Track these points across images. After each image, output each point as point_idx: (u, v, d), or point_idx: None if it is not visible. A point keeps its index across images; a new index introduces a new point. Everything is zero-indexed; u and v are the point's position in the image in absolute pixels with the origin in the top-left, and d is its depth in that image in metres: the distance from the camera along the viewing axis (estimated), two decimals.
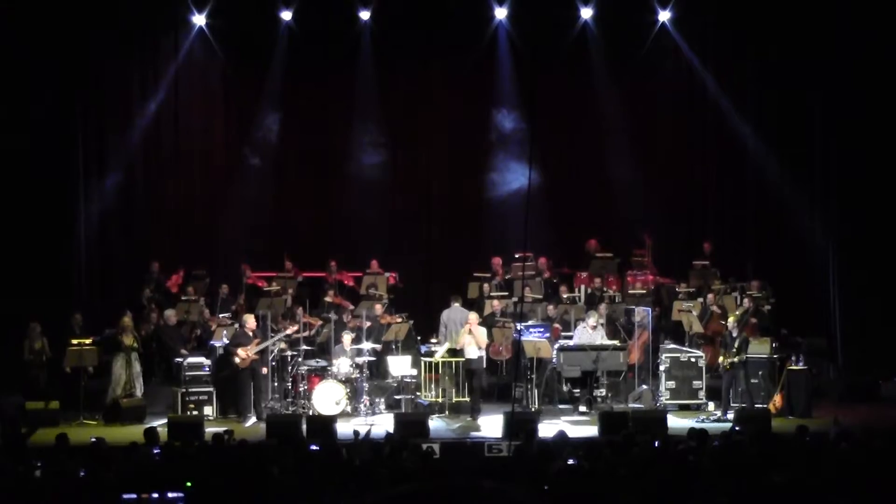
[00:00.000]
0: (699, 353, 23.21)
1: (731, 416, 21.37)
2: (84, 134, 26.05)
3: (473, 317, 22.57)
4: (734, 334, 22.42)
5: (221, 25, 26.62)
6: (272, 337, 22.73)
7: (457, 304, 23.63)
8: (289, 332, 22.83)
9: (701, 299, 24.50)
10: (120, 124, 26.47)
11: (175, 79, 26.87)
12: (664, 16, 26.69)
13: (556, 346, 22.95)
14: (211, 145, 27.46)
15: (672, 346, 23.54)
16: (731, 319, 22.74)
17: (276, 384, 22.93)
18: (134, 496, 12.62)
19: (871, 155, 25.52)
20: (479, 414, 22.22)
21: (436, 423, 21.29)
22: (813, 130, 26.21)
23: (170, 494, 12.53)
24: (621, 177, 26.99)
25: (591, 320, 23.05)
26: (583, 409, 22.48)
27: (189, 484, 12.71)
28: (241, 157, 27.18)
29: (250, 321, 22.53)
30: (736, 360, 22.09)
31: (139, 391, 22.72)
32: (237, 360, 22.12)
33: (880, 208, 25.53)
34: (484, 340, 22.38)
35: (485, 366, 22.58)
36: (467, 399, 22.58)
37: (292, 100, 27.30)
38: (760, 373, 22.66)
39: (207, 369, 22.65)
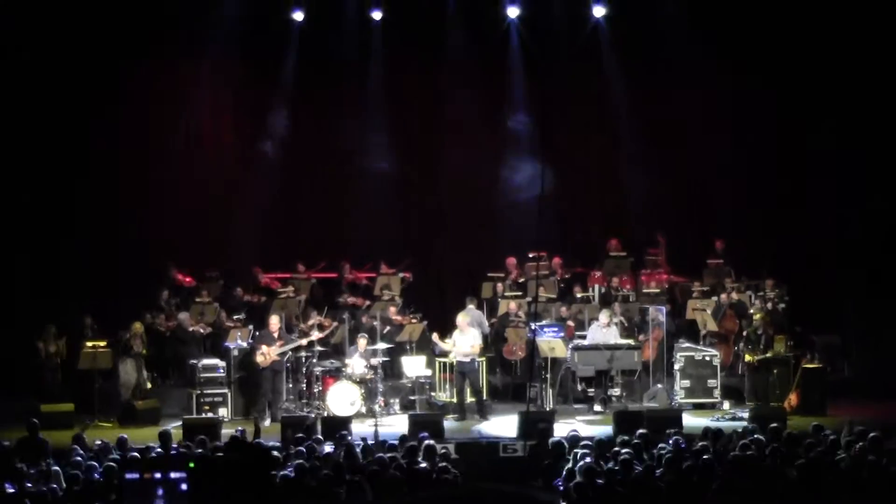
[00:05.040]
0: (714, 351, 23.18)
1: (745, 414, 21.37)
2: (98, 132, 26.00)
3: (461, 319, 22.58)
4: (759, 332, 22.50)
5: (235, 25, 26.52)
6: (295, 339, 22.75)
7: (471, 306, 23.67)
8: (312, 337, 22.81)
9: (715, 298, 24.47)
10: (133, 125, 26.41)
11: (188, 79, 26.87)
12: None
13: (571, 345, 22.95)
14: (222, 147, 27.40)
15: (687, 344, 23.52)
16: (756, 317, 22.82)
17: (290, 385, 22.93)
18: (136, 476, 12.77)
19: (886, 151, 25.50)
20: (489, 413, 22.28)
21: (449, 424, 21.25)
22: (826, 127, 26.12)
23: (172, 475, 12.67)
24: (635, 176, 26.96)
25: (604, 318, 23.05)
26: (598, 408, 22.47)
27: (192, 465, 12.88)
28: (252, 159, 27.18)
29: (274, 322, 22.57)
30: (769, 355, 22.23)
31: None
32: (259, 358, 22.18)
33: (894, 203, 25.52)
34: (476, 342, 22.36)
35: (476, 366, 22.46)
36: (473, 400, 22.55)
37: (304, 101, 27.28)
38: (775, 371, 22.62)
39: (222, 371, 22.65)
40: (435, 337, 22.85)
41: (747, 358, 22.86)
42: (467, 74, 27.22)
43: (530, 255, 25.03)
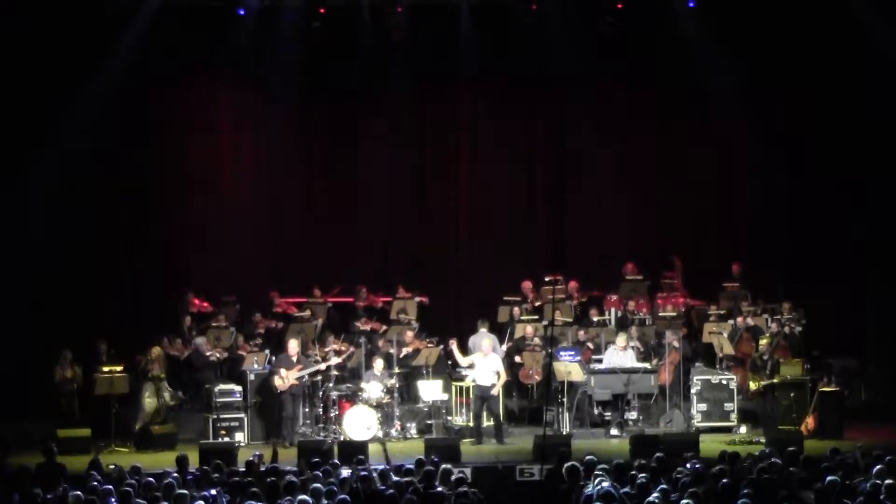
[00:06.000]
0: (731, 375, 23.15)
1: (762, 438, 21.34)
2: (116, 160, 26.04)
3: (486, 343, 22.62)
4: (765, 357, 22.43)
5: (246, 45, 26.50)
6: (313, 363, 22.77)
7: (483, 329, 23.65)
8: (331, 362, 22.82)
9: (731, 321, 24.42)
10: (147, 149, 26.42)
11: (202, 102, 26.92)
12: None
13: (587, 369, 22.94)
14: (238, 172, 27.38)
15: (703, 368, 23.49)
16: (763, 342, 22.76)
17: (307, 410, 22.93)
18: None
19: None
20: (505, 437, 22.27)
21: (465, 448, 21.20)
22: (848, 152, 26.05)
23: None
24: (651, 198, 26.97)
25: (621, 341, 23.08)
26: (614, 431, 22.45)
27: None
28: (267, 183, 27.22)
29: (292, 346, 22.60)
30: (776, 380, 22.18)
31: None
32: (277, 381, 22.21)
33: None
34: (500, 369, 22.38)
35: (496, 392, 22.44)
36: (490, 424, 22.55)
37: (319, 122, 27.31)
38: (792, 395, 22.57)
39: (238, 395, 22.65)
40: (453, 346, 22.78)
41: (751, 384, 22.82)
42: (485, 97, 27.27)
43: (546, 279, 25.06)
